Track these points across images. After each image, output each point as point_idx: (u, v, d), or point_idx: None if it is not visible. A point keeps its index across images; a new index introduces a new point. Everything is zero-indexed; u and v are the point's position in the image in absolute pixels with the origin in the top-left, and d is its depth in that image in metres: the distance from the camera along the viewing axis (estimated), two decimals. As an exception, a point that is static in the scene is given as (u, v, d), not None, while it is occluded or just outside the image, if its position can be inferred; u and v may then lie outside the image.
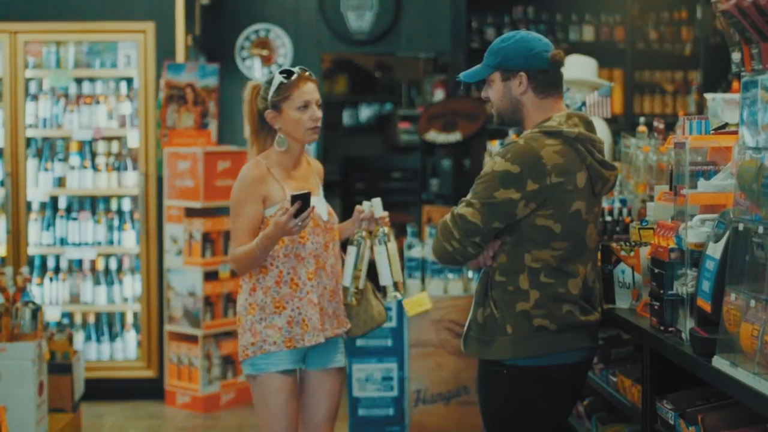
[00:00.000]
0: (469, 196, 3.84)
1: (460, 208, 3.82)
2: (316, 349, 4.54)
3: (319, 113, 4.45)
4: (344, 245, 4.63)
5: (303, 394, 4.62)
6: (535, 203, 3.75)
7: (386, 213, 4.57)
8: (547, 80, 3.91)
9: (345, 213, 12.38)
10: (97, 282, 8.21)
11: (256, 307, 4.44)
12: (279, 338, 4.41)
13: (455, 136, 9.92)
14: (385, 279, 4.53)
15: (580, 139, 3.81)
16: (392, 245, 4.55)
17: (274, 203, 4.42)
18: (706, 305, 3.23)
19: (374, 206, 4.54)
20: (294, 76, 4.42)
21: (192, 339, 7.82)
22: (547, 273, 3.78)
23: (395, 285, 4.54)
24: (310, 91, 4.44)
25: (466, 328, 4.00)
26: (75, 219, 8.18)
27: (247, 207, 4.40)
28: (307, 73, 4.48)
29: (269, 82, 4.46)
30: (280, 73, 4.43)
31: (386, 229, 4.54)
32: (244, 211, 4.41)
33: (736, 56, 3.11)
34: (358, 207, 4.60)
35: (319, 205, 4.53)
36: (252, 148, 4.57)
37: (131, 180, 8.19)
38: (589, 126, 3.91)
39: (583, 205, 3.82)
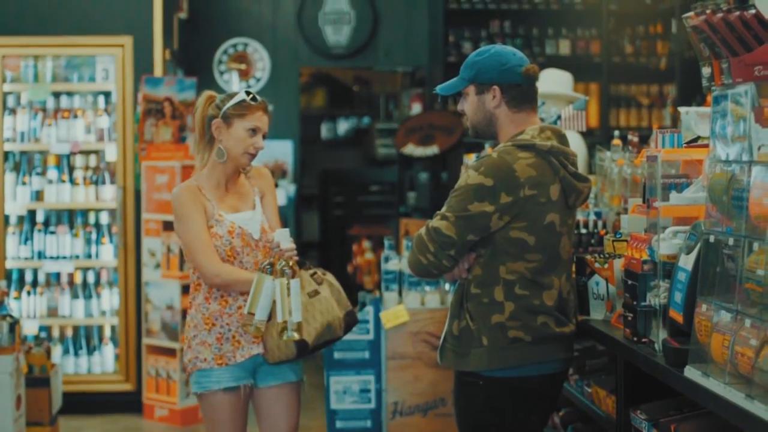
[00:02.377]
0: (443, 209, 3.86)
1: (435, 222, 3.84)
2: (265, 366, 4.45)
3: (262, 144, 4.45)
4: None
5: (260, 413, 4.55)
6: (509, 216, 3.78)
7: (291, 246, 4.34)
8: (521, 94, 3.95)
9: (322, 226, 12.44)
10: (74, 295, 8.20)
11: (191, 324, 4.45)
12: (209, 355, 4.37)
13: (432, 150, 9.97)
14: (279, 315, 4.24)
15: (553, 152, 3.85)
16: (294, 282, 4.26)
17: (210, 218, 4.40)
18: (678, 316, 3.27)
19: (279, 237, 4.36)
20: (256, 102, 4.44)
21: (170, 352, 7.81)
22: (522, 285, 3.81)
23: (291, 324, 4.23)
24: (264, 120, 4.45)
25: (442, 340, 4.02)
26: (53, 233, 8.17)
27: (196, 216, 4.36)
28: (269, 107, 4.54)
29: (230, 95, 4.46)
30: (248, 94, 4.44)
31: (286, 265, 4.27)
32: (194, 221, 4.36)
33: (706, 71, 3.16)
34: (272, 233, 4.46)
35: (251, 221, 4.47)
36: (197, 155, 4.53)
37: (109, 194, 8.19)
38: (563, 139, 3.95)
39: (556, 217, 3.85)
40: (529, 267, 3.81)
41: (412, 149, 10.08)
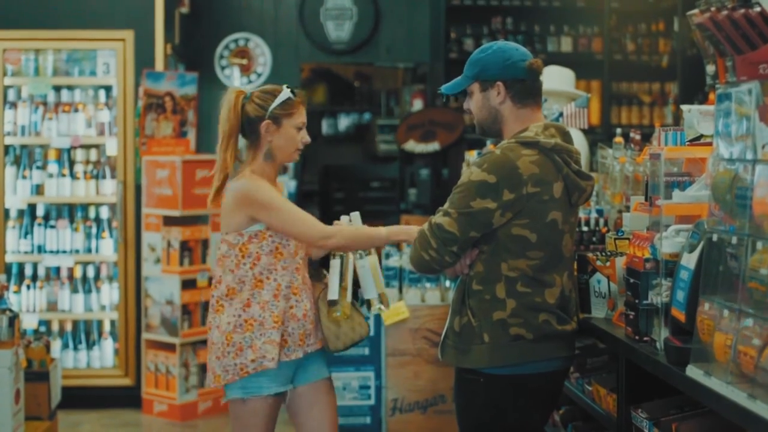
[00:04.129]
0: (446, 205, 3.85)
1: (437, 218, 3.84)
2: (302, 366, 4.41)
3: (308, 138, 4.51)
4: (325, 260, 4.56)
5: (299, 412, 4.47)
6: (512, 213, 3.77)
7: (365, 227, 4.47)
8: (525, 89, 3.94)
9: (323, 222, 12.39)
10: (74, 290, 8.19)
11: (254, 323, 4.27)
12: (275, 354, 4.24)
13: (434, 146, 9.96)
14: (369, 292, 4.44)
15: (556, 149, 3.84)
16: (373, 258, 4.49)
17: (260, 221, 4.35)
18: (680, 315, 3.26)
19: (353, 220, 4.48)
20: (299, 96, 4.44)
21: (169, 347, 7.81)
22: (524, 282, 3.81)
23: (380, 297, 4.46)
24: (305, 115, 4.46)
25: (443, 336, 4.01)
26: (53, 227, 8.16)
27: (277, 194, 4.35)
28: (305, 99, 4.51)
29: (269, 92, 4.39)
30: (291, 90, 4.41)
31: None
32: (279, 199, 4.35)
33: (710, 69, 3.15)
34: (337, 221, 4.52)
35: None
36: (224, 153, 4.35)
37: (109, 188, 8.18)
38: (566, 137, 3.94)
39: (559, 215, 3.84)
40: (530, 264, 3.81)
41: (413, 145, 10.07)
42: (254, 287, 4.29)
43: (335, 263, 4.43)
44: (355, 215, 4.51)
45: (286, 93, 4.37)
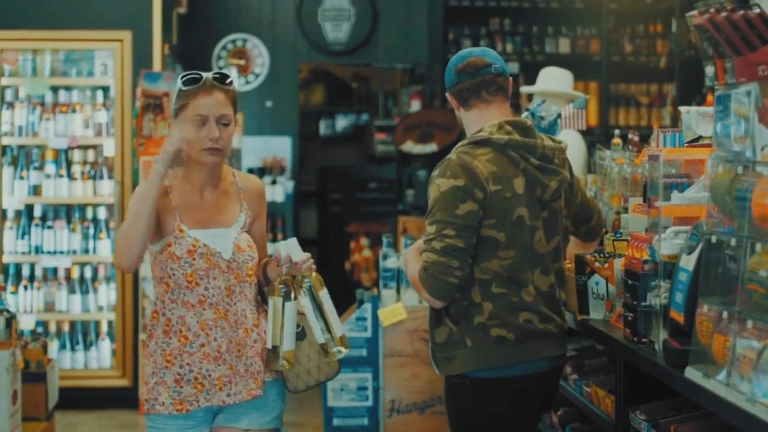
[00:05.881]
0: (432, 230, 3.77)
1: (437, 244, 3.75)
2: (233, 409, 3.75)
3: (216, 133, 3.65)
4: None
5: None
6: (483, 212, 3.77)
7: (306, 256, 3.74)
8: (463, 92, 3.94)
9: (320, 223, 12.42)
10: (71, 290, 8.18)
11: (150, 360, 3.71)
12: (168, 399, 3.65)
13: (431, 147, 9.96)
14: (318, 336, 3.73)
15: (510, 145, 3.83)
16: (323, 294, 3.73)
17: (164, 235, 3.72)
18: (679, 317, 3.25)
19: (290, 248, 3.72)
20: (195, 85, 3.69)
21: (167, 348, 7.79)
22: (498, 283, 3.79)
23: (337, 339, 3.74)
24: (208, 104, 3.65)
25: (431, 351, 3.99)
26: (50, 227, 8.15)
27: (135, 201, 3.65)
28: (218, 80, 3.72)
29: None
30: (183, 77, 3.70)
31: (309, 279, 3.72)
32: (132, 205, 3.66)
33: (709, 70, 3.14)
34: (275, 247, 3.78)
35: (220, 237, 3.72)
36: None
37: (107, 189, 8.17)
38: (527, 132, 3.90)
39: (525, 211, 3.82)
40: (503, 264, 3.80)
41: (410, 146, 10.07)
42: (152, 317, 3.76)
43: (270, 302, 3.72)
44: (292, 242, 3.73)
45: (178, 84, 3.70)
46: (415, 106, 10.89)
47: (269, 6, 10.35)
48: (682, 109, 4.16)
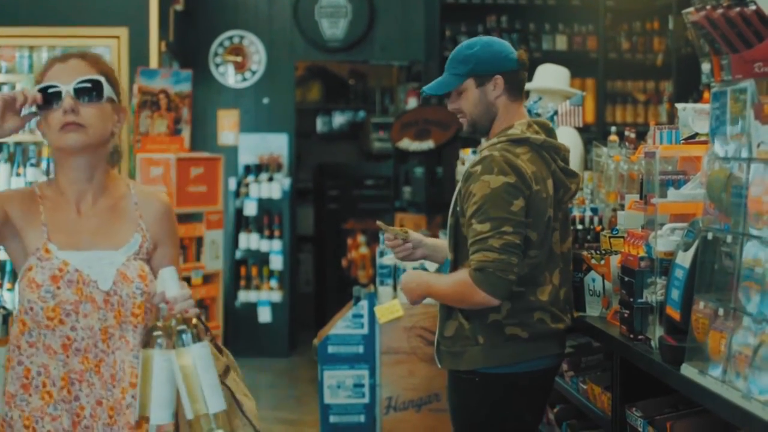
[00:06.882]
0: (486, 228, 3.65)
1: (495, 242, 3.63)
2: None
3: (70, 102, 2.83)
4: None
5: None
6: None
7: (184, 293, 2.78)
8: (518, 81, 3.92)
9: (317, 220, 12.41)
10: (68, 287, 8.16)
11: (5, 424, 2.86)
12: None
13: (428, 144, 9.96)
14: (186, 409, 2.69)
15: (545, 146, 3.83)
16: (200, 352, 2.70)
17: (27, 251, 2.86)
18: (675, 313, 3.25)
19: (164, 281, 2.78)
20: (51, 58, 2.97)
21: (163, 345, 7.79)
22: (519, 282, 3.76)
23: (210, 417, 2.67)
24: (61, 70, 2.89)
25: (436, 344, 3.98)
26: (46, 224, 8.14)
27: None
28: (74, 53, 3.00)
29: None
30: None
31: (184, 327, 2.71)
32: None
33: (706, 67, 3.15)
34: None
35: (100, 262, 2.86)
36: None
37: (103, 185, 8.15)
38: (551, 133, 3.92)
39: (551, 212, 3.83)
40: (529, 263, 3.78)
41: (407, 144, 10.06)
42: (6, 367, 2.90)
43: (140, 355, 2.79)
44: (168, 271, 2.79)
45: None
46: (412, 103, 10.89)
47: (266, 3, 10.34)
48: (679, 106, 4.16)
